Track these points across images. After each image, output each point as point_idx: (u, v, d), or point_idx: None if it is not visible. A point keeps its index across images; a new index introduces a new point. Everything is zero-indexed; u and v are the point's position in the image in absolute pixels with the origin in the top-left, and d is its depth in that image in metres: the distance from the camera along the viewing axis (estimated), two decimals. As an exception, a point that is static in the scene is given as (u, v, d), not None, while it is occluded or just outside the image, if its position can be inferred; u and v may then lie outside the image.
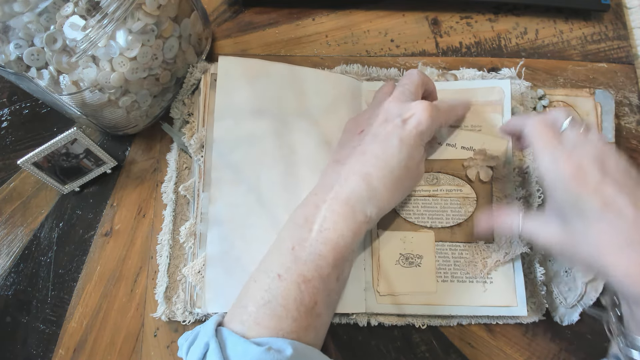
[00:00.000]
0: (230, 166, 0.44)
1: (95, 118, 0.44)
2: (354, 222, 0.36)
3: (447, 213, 0.46)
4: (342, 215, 0.36)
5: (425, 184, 0.46)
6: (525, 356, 0.44)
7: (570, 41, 0.53)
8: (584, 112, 0.49)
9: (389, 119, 0.39)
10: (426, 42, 0.53)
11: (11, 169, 0.49)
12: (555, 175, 0.35)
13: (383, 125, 0.39)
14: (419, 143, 0.39)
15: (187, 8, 0.44)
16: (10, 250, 0.46)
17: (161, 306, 0.43)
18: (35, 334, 0.44)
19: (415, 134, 0.38)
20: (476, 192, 0.46)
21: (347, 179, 0.37)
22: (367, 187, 0.37)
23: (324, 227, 0.36)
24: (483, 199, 0.46)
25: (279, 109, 0.46)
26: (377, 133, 0.39)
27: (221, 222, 0.43)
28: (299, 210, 0.38)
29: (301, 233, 0.36)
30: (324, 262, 0.35)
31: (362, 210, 0.37)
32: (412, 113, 0.38)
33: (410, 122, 0.38)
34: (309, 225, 0.36)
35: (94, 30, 0.37)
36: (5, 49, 0.39)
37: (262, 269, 0.36)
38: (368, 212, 0.37)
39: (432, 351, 0.44)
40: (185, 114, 0.48)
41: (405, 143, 0.38)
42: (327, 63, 0.52)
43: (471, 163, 0.46)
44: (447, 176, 0.47)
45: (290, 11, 0.54)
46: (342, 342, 0.44)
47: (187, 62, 0.47)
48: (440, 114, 0.40)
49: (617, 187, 0.33)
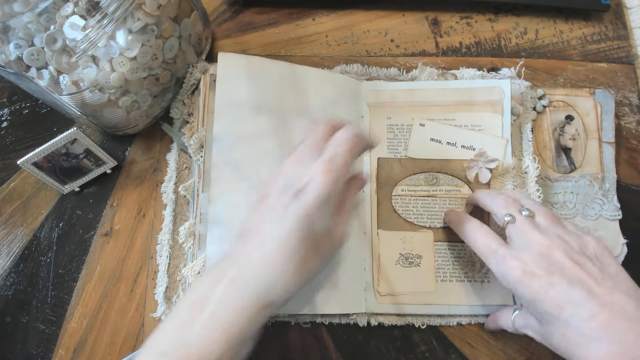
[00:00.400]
0: (230, 164, 0.44)
1: (95, 118, 0.44)
2: (251, 308, 0.31)
3: None
4: (237, 301, 0.31)
5: (424, 184, 0.46)
6: (525, 356, 0.44)
7: (570, 41, 0.53)
8: (583, 112, 0.49)
9: (286, 188, 0.34)
10: (426, 42, 0.53)
11: (11, 169, 0.49)
12: (506, 282, 0.36)
13: (280, 196, 0.34)
14: (323, 212, 0.33)
15: (187, 8, 0.44)
16: (10, 250, 0.46)
17: (161, 306, 0.43)
18: (35, 334, 0.44)
19: (316, 204, 0.33)
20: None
21: (247, 262, 0.32)
22: (266, 273, 0.32)
23: (217, 310, 0.31)
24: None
25: (279, 107, 0.46)
26: (275, 206, 0.34)
27: (221, 222, 0.43)
28: (198, 284, 0.34)
29: (192, 312, 0.32)
30: (214, 346, 0.30)
31: (261, 297, 0.32)
32: (308, 180, 0.33)
33: (307, 192, 0.33)
34: (201, 305, 0.32)
35: (94, 30, 0.37)
36: (5, 49, 0.39)
37: (149, 344, 0.32)
38: (269, 299, 0.32)
39: (432, 351, 0.44)
40: (185, 114, 0.48)
41: (305, 219, 0.32)
42: (327, 63, 0.52)
43: (471, 164, 0.46)
44: (447, 176, 0.47)
45: (290, 11, 0.54)
46: (342, 342, 0.44)
47: (187, 62, 0.47)
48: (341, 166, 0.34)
49: (567, 280, 0.33)
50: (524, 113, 0.48)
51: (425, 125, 0.48)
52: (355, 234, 0.45)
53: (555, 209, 0.47)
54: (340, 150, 0.35)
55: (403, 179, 0.47)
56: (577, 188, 0.47)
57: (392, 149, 0.48)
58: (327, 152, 0.35)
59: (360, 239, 0.45)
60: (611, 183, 0.47)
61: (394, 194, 0.47)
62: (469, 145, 0.47)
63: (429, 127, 0.48)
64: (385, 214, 0.46)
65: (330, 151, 0.35)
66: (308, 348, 0.44)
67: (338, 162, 0.34)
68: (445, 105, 0.48)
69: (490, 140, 0.47)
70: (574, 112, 0.49)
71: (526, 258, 0.35)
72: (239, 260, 0.33)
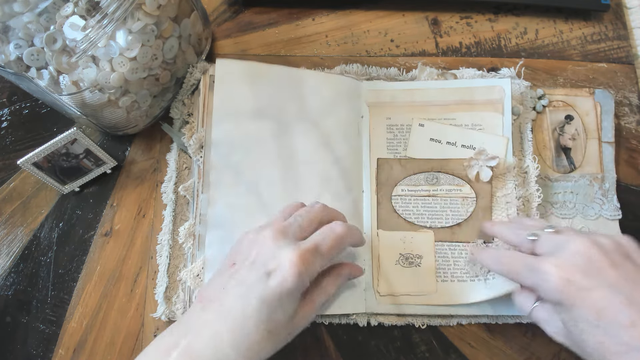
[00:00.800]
0: (229, 168, 0.44)
1: (95, 118, 0.44)
2: None
3: (447, 213, 0.46)
4: None
5: (425, 184, 0.46)
6: (525, 356, 0.44)
7: (570, 41, 0.53)
8: (583, 112, 0.49)
9: (255, 264, 0.33)
10: (426, 42, 0.53)
11: (11, 169, 0.49)
12: (543, 292, 0.34)
13: (249, 270, 0.33)
14: (286, 302, 0.32)
15: (187, 8, 0.44)
16: (10, 250, 0.46)
17: (161, 306, 0.43)
18: (35, 334, 0.44)
19: (279, 293, 0.32)
20: (476, 192, 0.46)
21: (201, 332, 0.32)
22: (217, 350, 0.31)
23: None
24: (483, 199, 0.46)
25: (278, 111, 0.46)
26: (242, 280, 0.33)
27: (220, 224, 0.43)
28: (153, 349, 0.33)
29: None
30: None
31: None
32: (277, 265, 0.32)
33: (274, 276, 0.32)
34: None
35: (94, 31, 0.37)
36: (5, 49, 0.39)
37: None
38: None
39: (432, 351, 0.44)
40: (185, 114, 0.48)
41: (267, 303, 0.31)
42: (327, 63, 0.52)
43: (471, 163, 0.46)
44: (447, 176, 0.47)
45: (290, 11, 0.54)
46: (342, 342, 0.44)
47: (187, 62, 0.47)
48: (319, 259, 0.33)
49: (607, 284, 0.31)
50: (524, 113, 0.48)
51: (424, 125, 0.48)
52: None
53: (555, 209, 0.47)
54: (325, 243, 0.34)
55: (403, 179, 0.47)
56: (577, 188, 0.47)
57: (391, 149, 0.48)
58: (311, 240, 0.34)
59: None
60: (611, 183, 0.47)
61: (394, 194, 0.47)
62: (469, 145, 0.47)
63: (429, 127, 0.48)
64: (385, 214, 0.46)
65: (314, 240, 0.34)
66: (308, 348, 0.44)
67: (317, 254, 0.33)
68: (445, 105, 0.48)
69: (490, 139, 0.46)
70: (573, 112, 0.49)
71: (561, 261, 0.33)
72: (193, 330, 0.32)
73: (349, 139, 0.47)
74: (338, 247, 0.35)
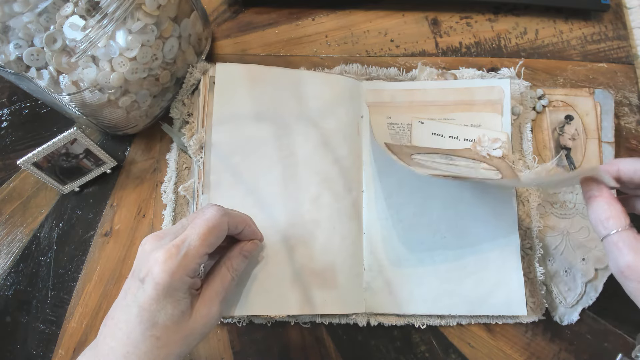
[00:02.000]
0: (229, 169, 0.44)
1: (95, 118, 0.44)
2: None
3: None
4: None
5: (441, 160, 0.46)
6: (525, 356, 0.44)
7: (570, 41, 0.53)
8: (583, 112, 0.49)
9: (134, 273, 0.32)
10: (426, 42, 0.53)
11: (11, 169, 0.49)
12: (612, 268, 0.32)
13: (130, 280, 0.33)
14: (166, 302, 0.31)
15: (187, 8, 0.44)
16: (10, 250, 0.46)
17: (161, 306, 0.43)
18: (35, 334, 0.44)
19: (155, 295, 0.31)
20: (495, 166, 0.45)
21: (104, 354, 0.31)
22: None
23: None
24: (504, 171, 0.44)
25: (278, 112, 0.46)
26: (125, 292, 0.32)
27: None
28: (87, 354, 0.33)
29: None
30: None
31: None
32: (148, 269, 0.31)
33: (147, 281, 0.31)
34: None
35: (94, 31, 0.37)
36: (5, 49, 0.39)
37: None
38: None
39: (432, 351, 0.44)
40: (185, 114, 0.48)
41: (145, 309, 0.31)
42: (327, 63, 0.52)
43: (478, 148, 0.46)
44: (461, 158, 0.46)
45: (290, 11, 0.54)
46: (342, 342, 0.44)
47: (187, 62, 0.47)
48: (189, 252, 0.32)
49: None
50: (524, 113, 0.48)
51: (424, 122, 0.47)
52: (355, 234, 0.45)
53: (555, 209, 0.47)
54: (196, 231, 0.32)
55: (417, 154, 0.46)
56: (577, 188, 0.47)
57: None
58: (180, 237, 0.32)
59: (360, 239, 0.45)
60: (611, 183, 0.47)
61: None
62: (471, 139, 0.46)
63: (428, 125, 0.47)
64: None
65: (184, 233, 0.32)
66: (308, 348, 0.44)
67: (188, 246, 0.32)
68: (445, 105, 0.48)
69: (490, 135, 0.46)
70: (573, 112, 0.49)
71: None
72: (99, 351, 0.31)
73: (348, 139, 0.47)
74: (212, 232, 0.33)
